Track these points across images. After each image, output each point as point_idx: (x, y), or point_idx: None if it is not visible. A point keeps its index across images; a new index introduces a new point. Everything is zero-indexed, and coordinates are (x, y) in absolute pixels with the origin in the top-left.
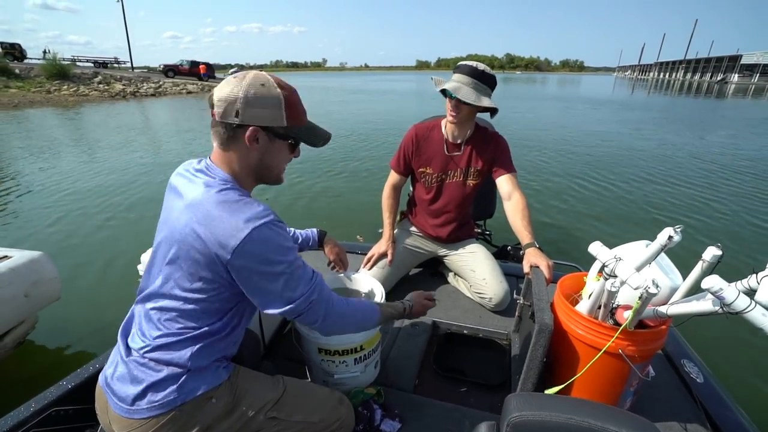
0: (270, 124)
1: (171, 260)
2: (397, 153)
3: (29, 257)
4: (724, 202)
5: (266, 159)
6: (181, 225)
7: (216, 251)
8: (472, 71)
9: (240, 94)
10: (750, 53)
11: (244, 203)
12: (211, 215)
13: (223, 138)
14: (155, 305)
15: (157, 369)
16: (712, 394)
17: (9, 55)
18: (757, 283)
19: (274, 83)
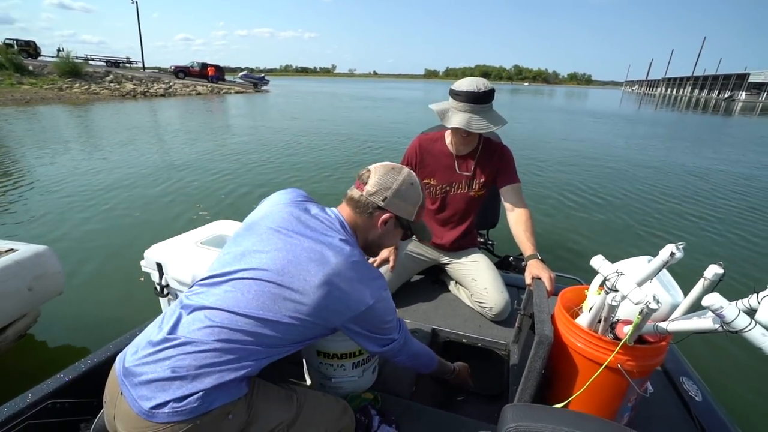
0: (403, 216)
1: (275, 287)
2: (402, 162)
3: (34, 251)
4: (728, 221)
5: (383, 239)
6: (310, 269)
7: (342, 310)
8: (475, 97)
9: (395, 186)
10: (758, 72)
11: (371, 270)
12: (348, 277)
13: (360, 209)
14: (223, 312)
15: (191, 371)
16: (711, 413)
17: (24, 52)
18: (757, 302)
19: (419, 186)
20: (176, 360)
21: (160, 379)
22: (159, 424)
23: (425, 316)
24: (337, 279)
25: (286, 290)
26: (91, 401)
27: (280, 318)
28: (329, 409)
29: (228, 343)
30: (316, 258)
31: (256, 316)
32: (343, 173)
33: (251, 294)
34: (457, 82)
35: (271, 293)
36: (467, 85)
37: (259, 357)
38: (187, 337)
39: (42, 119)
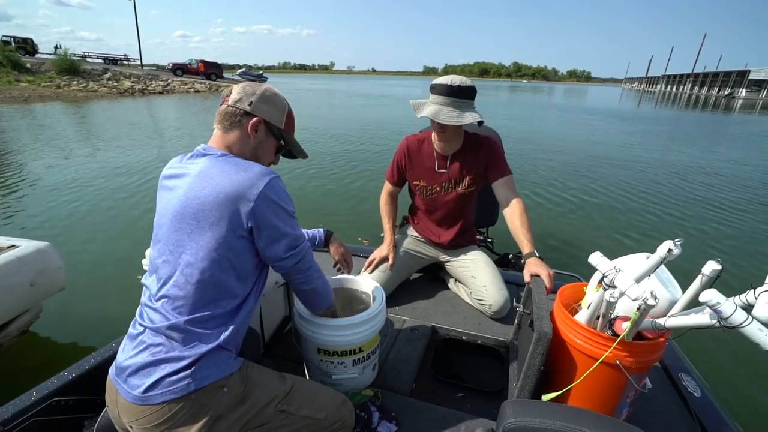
0: (271, 121)
1: (189, 234)
2: (391, 165)
3: (36, 247)
4: (727, 217)
5: (258, 150)
6: (196, 192)
7: (237, 202)
8: (449, 90)
9: (258, 92)
10: (758, 69)
11: (253, 163)
12: (225, 171)
13: (228, 120)
14: (166, 286)
15: (172, 350)
16: (710, 409)
17: (21, 50)
18: (755, 298)
19: (282, 96)
20: (153, 347)
21: (144, 365)
22: (154, 406)
23: (425, 313)
24: (217, 187)
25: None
26: (95, 399)
27: (209, 255)
28: (327, 398)
29: (186, 313)
30: (196, 184)
31: (192, 270)
32: (345, 173)
33: (172, 259)
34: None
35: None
36: (444, 79)
37: (224, 311)
38: (153, 322)
39: (40, 117)
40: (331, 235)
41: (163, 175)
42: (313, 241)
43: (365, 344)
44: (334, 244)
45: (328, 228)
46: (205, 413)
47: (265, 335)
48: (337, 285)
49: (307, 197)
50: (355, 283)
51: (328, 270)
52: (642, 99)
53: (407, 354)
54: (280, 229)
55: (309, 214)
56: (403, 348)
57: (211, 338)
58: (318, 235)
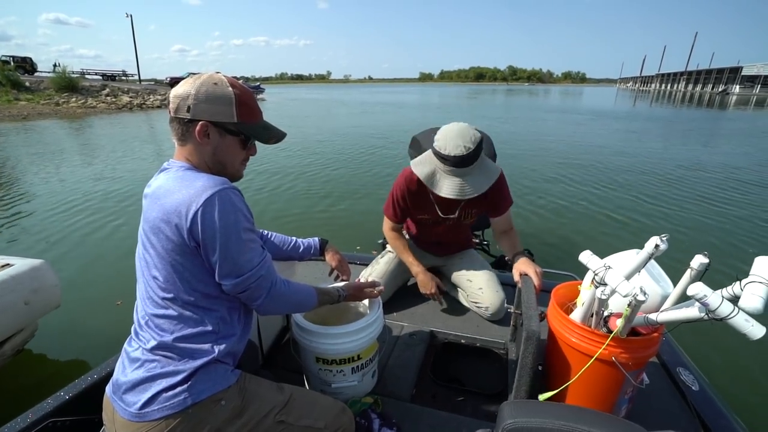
0: (220, 120)
1: (150, 252)
2: (390, 201)
3: (30, 265)
4: (716, 211)
5: (219, 154)
6: (149, 214)
7: (178, 222)
8: (462, 160)
9: (192, 91)
10: (750, 65)
11: (201, 176)
12: (169, 191)
13: (178, 133)
14: (151, 303)
15: (167, 367)
16: (708, 402)
17: (20, 69)
18: (740, 289)
19: (226, 82)
20: (147, 363)
21: (140, 382)
22: (151, 422)
23: (423, 318)
24: (161, 204)
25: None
26: (92, 418)
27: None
28: (327, 407)
29: (176, 329)
30: (151, 206)
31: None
32: (338, 181)
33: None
34: (439, 136)
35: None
36: (453, 146)
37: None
38: (147, 339)
39: (39, 134)
40: (326, 243)
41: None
42: (308, 250)
43: (364, 351)
44: (329, 252)
45: (323, 237)
46: (203, 428)
47: (263, 346)
48: None
49: (301, 205)
50: None
51: (324, 278)
52: (637, 98)
53: (406, 359)
54: (218, 251)
55: (303, 222)
56: (402, 354)
57: (205, 353)
58: (313, 244)
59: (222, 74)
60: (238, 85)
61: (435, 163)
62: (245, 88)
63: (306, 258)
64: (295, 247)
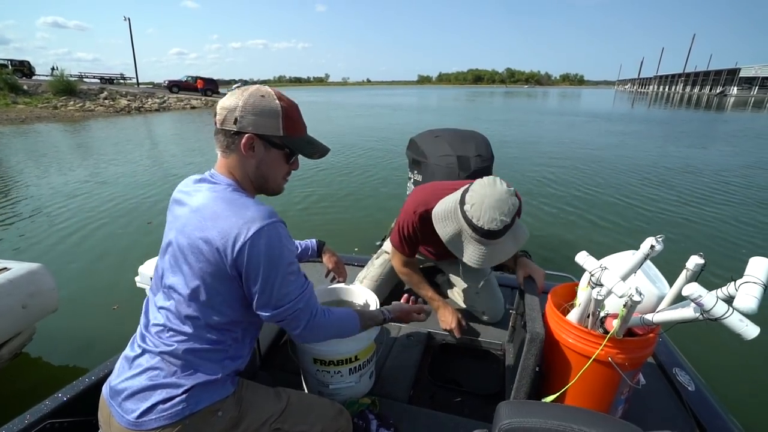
0: (266, 133)
1: (181, 267)
2: (398, 236)
3: (27, 269)
4: (712, 212)
5: (263, 167)
6: (189, 230)
7: (222, 249)
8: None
9: (240, 103)
10: (748, 66)
11: (250, 203)
12: (216, 214)
13: (223, 145)
14: (168, 313)
15: (169, 378)
16: (704, 403)
17: (18, 72)
18: (735, 290)
19: (273, 95)
20: (151, 371)
21: (141, 390)
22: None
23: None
24: (203, 228)
25: (185, 269)
26: (90, 419)
27: (202, 294)
28: (324, 410)
29: (186, 342)
30: (191, 221)
31: (189, 305)
32: (338, 183)
33: (174, 290)
34: (473, 200)
35: (180, 279)
36: (488, 219)
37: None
38: (154, 346)
39: (37, 138)
40: (323, 245)
41: (173, 196)
42: (306, 252)
43: (361, 352)
44: (326, 253)
45: (320, 238)
46: None
47: (261, 348)
48: (330, 295)
49: (299, 207)
50: (348, 292)
51: (321, 279)
52: (635, 100)
53: (404, 361)
54: (260, 284)
55: (301, 224)
56: (399, 355)
57: (212, 369)
58: (311, 245)
59: (269, 87)
60: (285, 98)
61: (461, 224)
62: (291, 101)
63: (303, 260)
64: None
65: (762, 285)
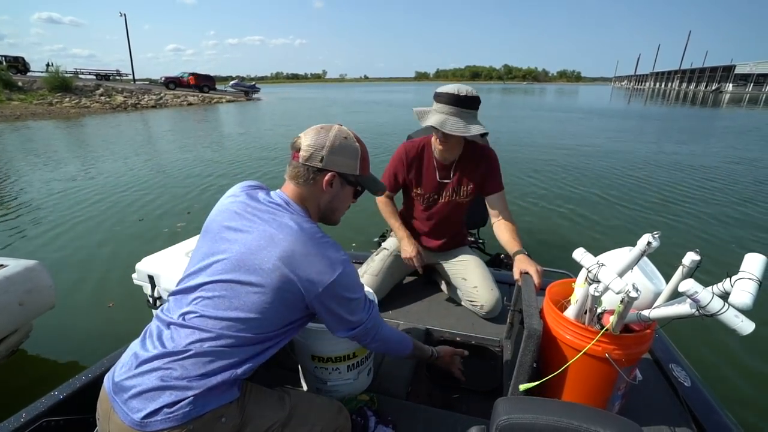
0: (346, 171)
1: (246, 280)
2: (388, 170)
3: (24, 266)
4: (709, 209)
5: (335, 202)
6: (268, 256)
7: (306, 286)
8: (455, 99)
9: (327, 143)
10: (743, 63)
11: (329, 243)
12: (301, 253)
13: (303, 177)
14: (203, 318)
15: (182, 379)
16: (700, 398)
17: (12, 68)
18: (731, 286)
19: (353, 138)
20: (163, 371)
21: (150, 390)
22: None
23: (418, 316)
24: (289, 259)
25: (245, 285)
26: (86, 417)
27: (249, 313)
28: (323, 409)
29: (210, 347)
30: (266, 244)
31: (230, 317)
32: None
33: (219, 297)
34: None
35: (236, 291)
36: (450, 88)
37: (247, 355)
38: (171, 347)
39: (31, 134)
40: None
41: (230, 202)
42: None
43: (359, 349)
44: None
45: None
46: None
47: None
48: None
49: None
50: None
51: None
52: (632, 97)
53: None
54: (341, 316)
55: None
56: None
57: (227, 374)
58: None
59: (346, 128)
60: (360, 139)
61: (432, 106)
62: (363, 143)
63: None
64: None
65: (757, 281)
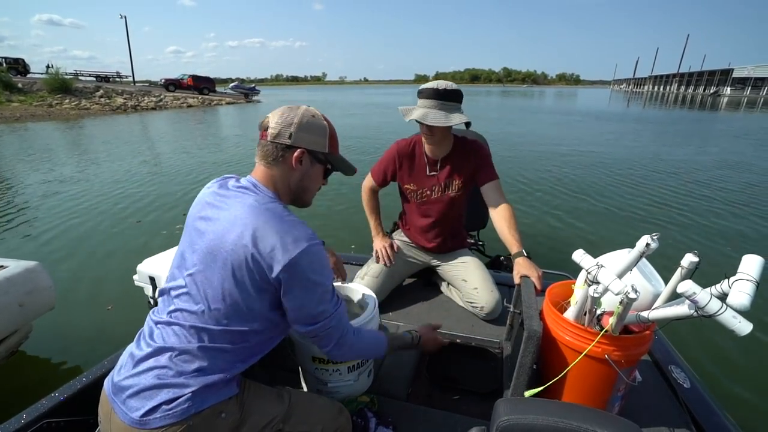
0: (315, 149)
1: (216, 270)
2: (379, 164)
3: (24, 267)
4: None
5: (305, 180)
6: (233, 238)
7: (269, 262)
8: (435, 93)
9: (295, 120)
10: (741, 67)
11: (295, 221)
12: (266, 227)
13: (271, 156)
14: (188, 314)
15: (178, 376)
16: (699, 399)
17: (12, 70)
18: (728, 287)
19: (321, 116)
20: (159, 369)
21: (147, 388)
22: (152, 430)
23: (418, 318)
24: (252, 237)
25: (217, 273)
26: (87, 419)
27: (226, 303)
28: (324, 409)
29: (203, 342)
30: (231, 227)
31: (211, 309)
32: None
33: (196, 290)
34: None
35: (210, 281)
36: (431, 84)
37: (237, 349)
38: (165, 345)
39: (31, 136)
40: (322, 244)
41: (204, 197)
42: None
43: None
44: (326, 253)
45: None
46: None
47: None
48: None
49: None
50: (347, 290)
51: None
52: (630, 100)
53: (402, 359)
54: (302, 303)
55: None
56: (397, 353)
57: (222, 371)
58: None
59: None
60: (328, 119)
61: (417, 103)
62: (332, 124)
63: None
64: None
65: (754, 282)
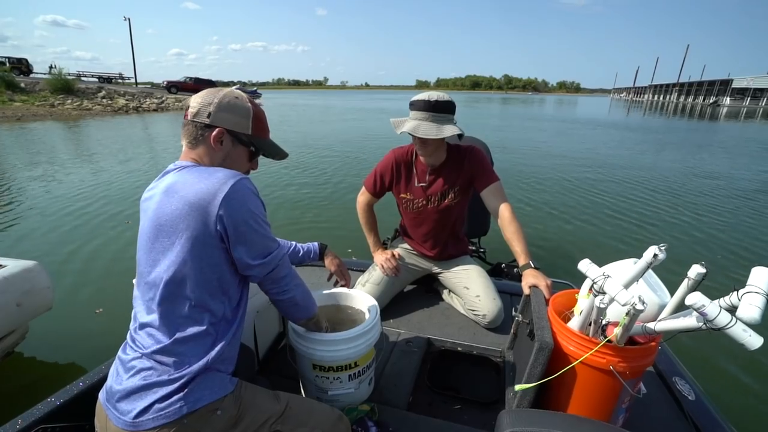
0: (235, 129)
1: (161, 249)
2: (373, 174)
3: (23, 266)
4: (713, 221)
5: (227, 162)
6: (165, 207)
7: (204, 209)
8: (427, 105)
9: (215, 101)
10: (740, 77)
11: (218, 169)
12: (190, 182)
13: (191, 136)
14: (152, 307)
15: (163, 376)
16: (704, 412)
17: (16, 70)
18: (738, 299)
19: (246, 99)
20: (145, 371)
21: (135, 389)
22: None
23: (419, 326)
24: (182, 194)
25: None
26: (84, 425)
27: (178, 277)
28: (323, 414)
29: (176, 329)
30: (164, 198)
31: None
32: (331, 187)
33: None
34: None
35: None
36: (422, 95)
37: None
38: (144, 347)
39: (31, 135)
40: (325, 248)
41: (143, 197)
42: (308, 255)
43: (360, 358)
44: (329, 256)
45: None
46: None
47: (259, 352)
48: (330, 300)
49: (294, 210)
50: (348, 297)
51: (323, 284)
52: (630, 108)
53: (403, 367)
54: (247, 234)
55: (293, 227)
56: (398, 361)
57: (197, 358)
58: (312, 248)
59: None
60: (255, 103)
61: (409, 115)
62: (259, 107)
63: (305, 263)
64: (294, 251)
65: (764, 295)
